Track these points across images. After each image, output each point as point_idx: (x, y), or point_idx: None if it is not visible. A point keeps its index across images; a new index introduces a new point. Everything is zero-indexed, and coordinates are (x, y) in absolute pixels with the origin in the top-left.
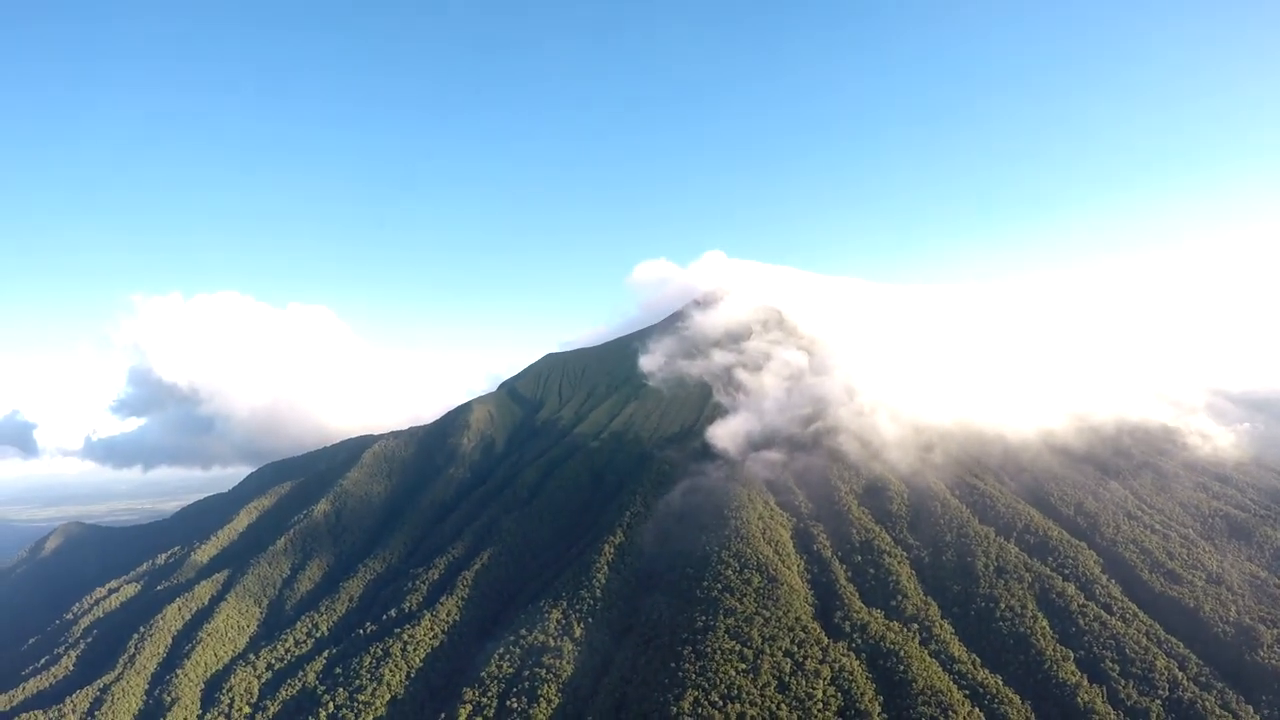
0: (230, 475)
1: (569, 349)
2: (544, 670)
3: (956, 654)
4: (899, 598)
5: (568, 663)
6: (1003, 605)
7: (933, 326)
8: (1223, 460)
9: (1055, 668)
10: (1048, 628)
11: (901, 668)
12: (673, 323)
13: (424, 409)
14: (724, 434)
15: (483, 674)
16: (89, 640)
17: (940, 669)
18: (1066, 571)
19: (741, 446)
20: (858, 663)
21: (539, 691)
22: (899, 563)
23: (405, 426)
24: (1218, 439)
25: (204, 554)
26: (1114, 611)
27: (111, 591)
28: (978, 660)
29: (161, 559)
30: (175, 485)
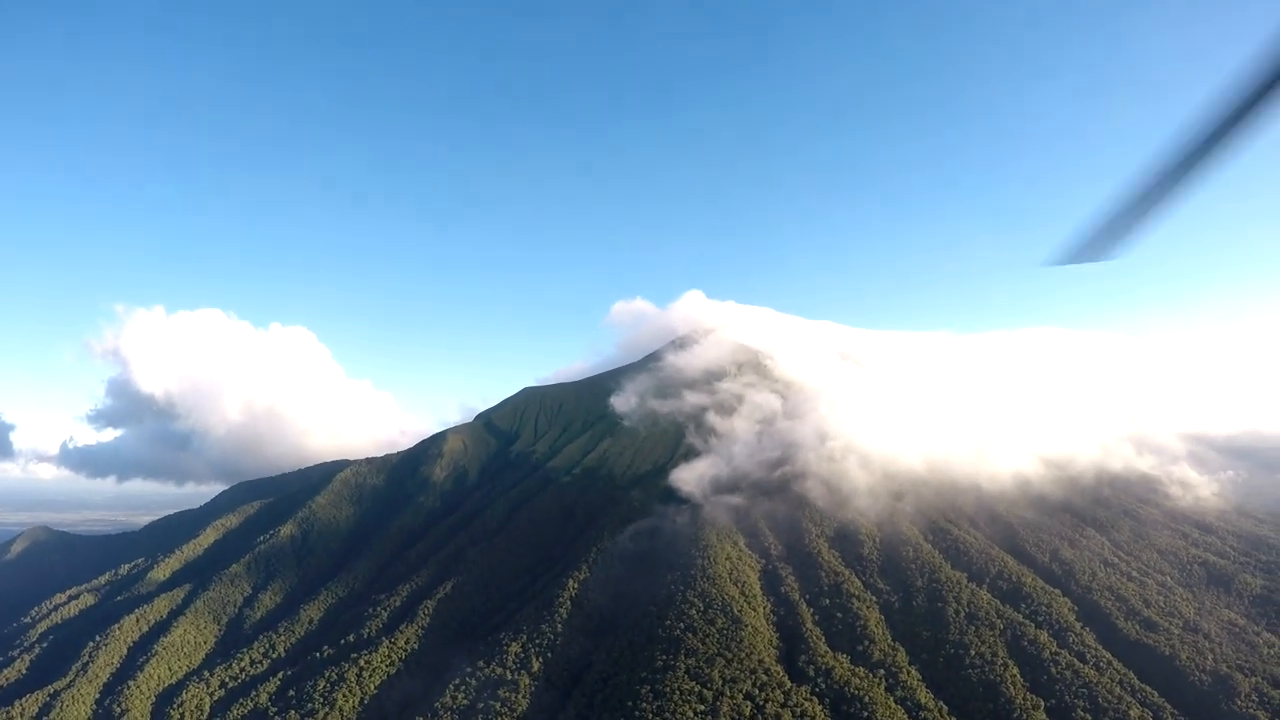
0: (205, 493)
1: (548, 384)
2: (499, 704)
3: (923, 701)
4: (866, 643)
5: (523, 697)
6: (973, 652)
7: (909, 373)
8: (1205, 510)
9: (1025, 716)
10: (1018, 675)
11: (865, 714)
12: (650, 362)
13: (401, 436)
14: (695, 475)
15: (436, 704)
16: (44, 645)
17: (906, 716)
18: (1040, 619)
19: (712, 488)
20: (820, 707)
21: None
22: (868, 607)
23: (381, 453)
24: (1199, 489)
25: (166, 568)
26: (1087, 659)
27: (72, 598)
28: (945, 708)
29: (124, 570)
30: (151, 500)
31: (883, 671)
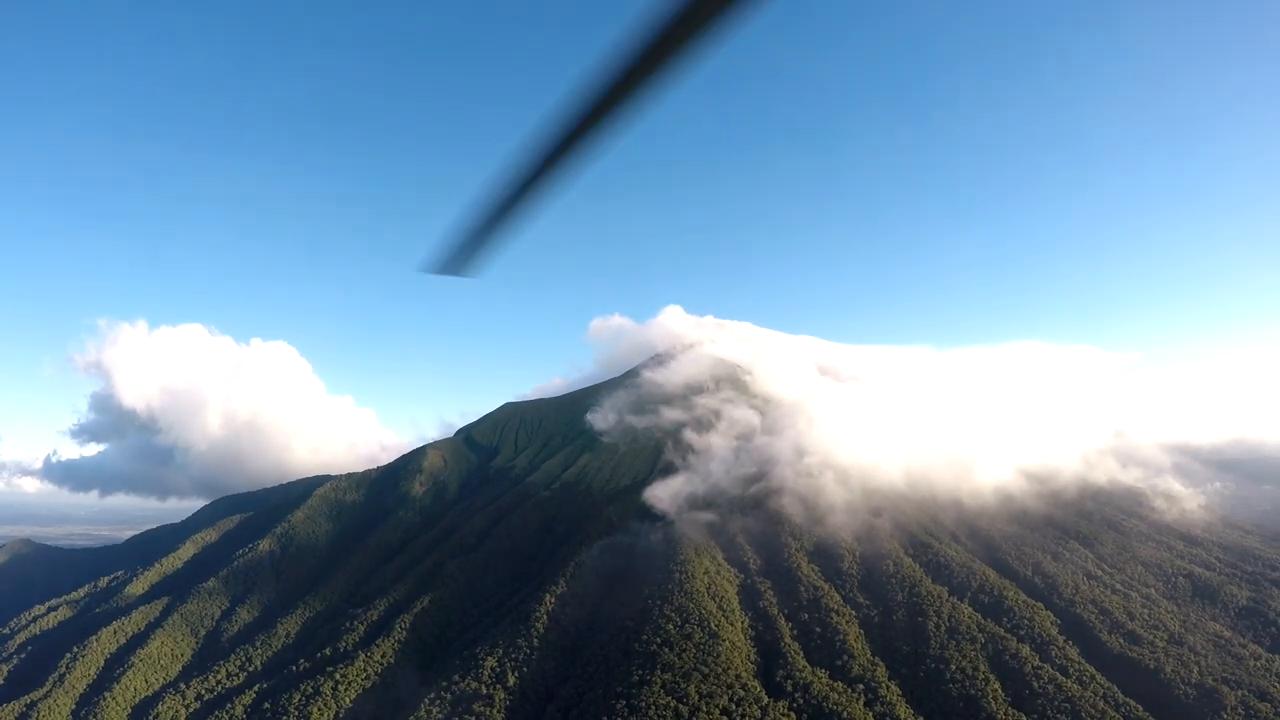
0: (188, 507)
1: (528, 399)
2: (474, 718)
3: (903, 716)
4: (845, 657)
5: (498, 711)
6: (953, 666)
7: (890, 388)
8: (1190, 522)
9: None
10: (1000, 690)
11: None
12: (629, 378)
13: (382, 452)
14: (673, 490)
15: (410, 718)
16: (22, 656)
17: None
18: (1022, 632)
19: (690, 503)
20: None
21: None
22: (847, 622)
23: (362, 469)
24: (1185, 501)
25: (145, 581)
26: (1070, 673)
27: (51, 610)
28: None
29: (103, 582)
30: (134, 514)
31: (862, 686)
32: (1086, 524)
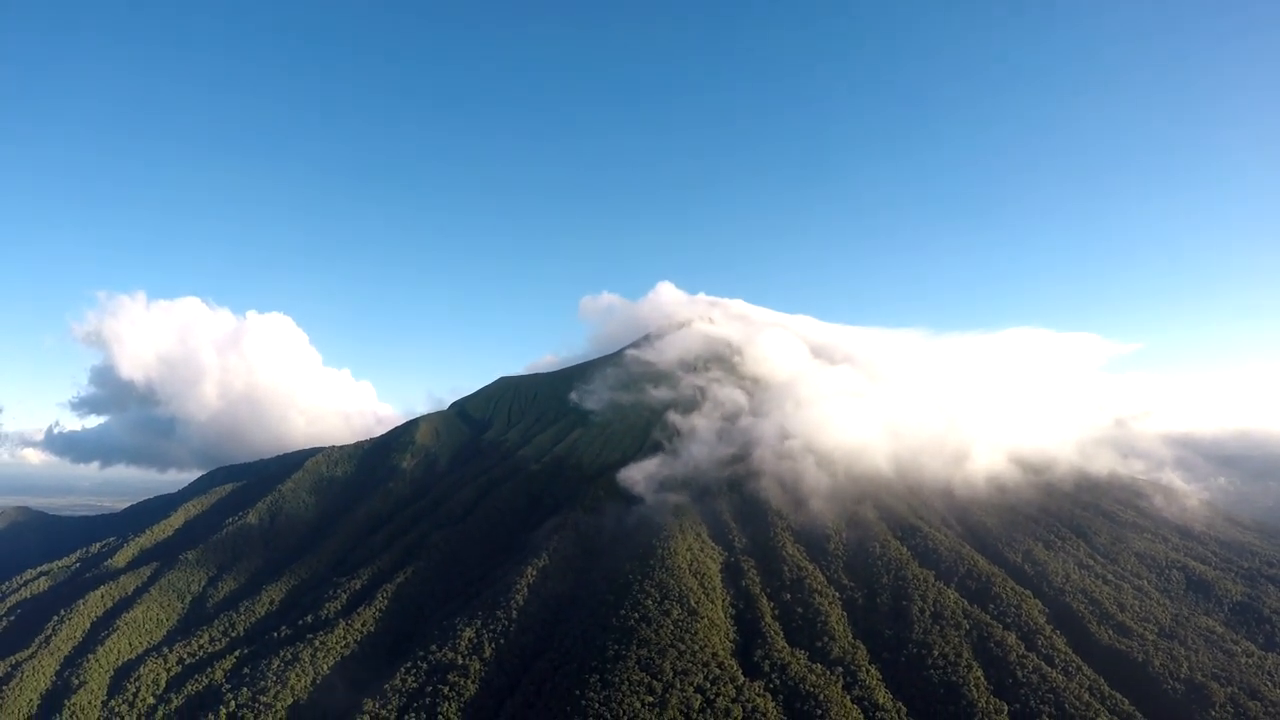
0: (187, 479)
1: (523, 374)
2: (448, 688)
3: (881, 701)
4: (825, 639)
5: (473, 682)
6: (936, 652)
7: (883, 371)
8: (1190, 517)
9: None
10: (982, 678)
11: (819, 712)
12: (619, 356)
13: (378, 425)
14: (657, 467)
15: (385, 686)
16: (11, 619)
17: (862, 716)
18: (1008, 620)
19: (674, 481)
20: (773, 704)
21: (439, 709)
22: (830, 603)
23: (357, 440)
24: (1185, 498)
25: (135, 547)
26: (1055, 663)
27: (41, 574)
28: (904, 709)
29: (95, 548)
30: (138, 486)
31: (841, 669)
32: (1082, 514)
